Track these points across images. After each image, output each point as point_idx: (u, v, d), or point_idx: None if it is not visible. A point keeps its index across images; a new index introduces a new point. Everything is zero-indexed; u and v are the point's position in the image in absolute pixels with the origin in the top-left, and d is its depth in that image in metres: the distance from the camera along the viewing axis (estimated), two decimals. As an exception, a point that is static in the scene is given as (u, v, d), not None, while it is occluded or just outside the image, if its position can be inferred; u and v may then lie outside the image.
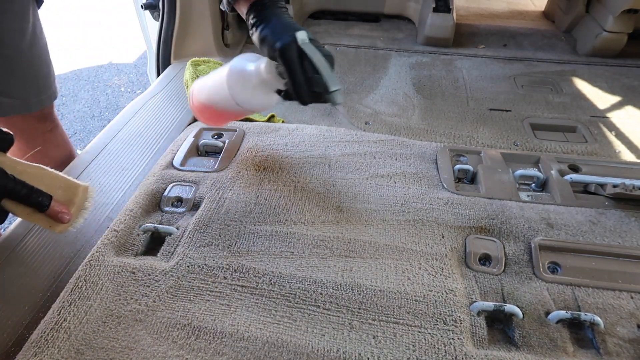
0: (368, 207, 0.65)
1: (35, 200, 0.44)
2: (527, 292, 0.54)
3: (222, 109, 0.63)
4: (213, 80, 0.62)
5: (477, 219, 0.63)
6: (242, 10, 0.60)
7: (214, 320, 0.50)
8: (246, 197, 0.67)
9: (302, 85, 0.52)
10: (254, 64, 0.57)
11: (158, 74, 1.18)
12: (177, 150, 0.77)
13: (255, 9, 0.57)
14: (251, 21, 0.57)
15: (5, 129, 0.45)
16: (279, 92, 0.58)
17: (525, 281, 0.55)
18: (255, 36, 0.57)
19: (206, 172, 0.72)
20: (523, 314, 0.51)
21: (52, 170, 0.48)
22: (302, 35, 0.51)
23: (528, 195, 0.69)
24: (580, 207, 0.66)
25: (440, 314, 0.50)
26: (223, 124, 0.79)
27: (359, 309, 0.51)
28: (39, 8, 0.78)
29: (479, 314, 0.51)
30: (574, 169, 0.75)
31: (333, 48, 1.25)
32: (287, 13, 0.58)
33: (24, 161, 0.46)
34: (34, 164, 0.47)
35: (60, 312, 0.49)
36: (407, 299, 0.52)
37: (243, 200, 0.66)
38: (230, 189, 0.68)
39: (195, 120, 0.91)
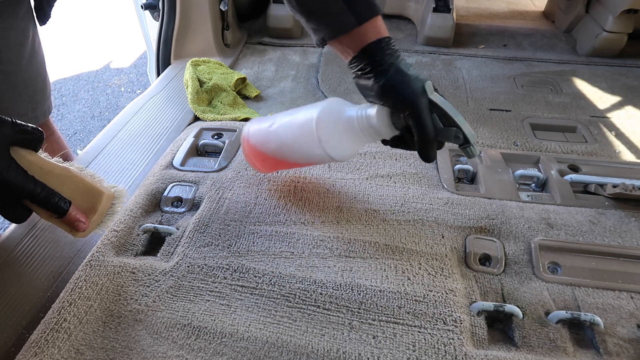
0: (368, 207, 0.65)
1: (54, 205, 0.43)
2: (527, 292, 0.54)
3: (297, 156, 0.56)
4: (290, 124, 0.55)
5: (477, 219, 0.63)
6: (345, 50, 0.52)
7: (214, 320, 0.50)
8: (246, 197, 0.67)
9: (432, 138, 0.48)
10: (354, 109, 0.52)
11: (158, 74, 1.18)
12: (177, 150, 0.77)
13: (370, 54, 0.50)
14: (363, 67, 0.51)
15: (36, 127, 0.43)
16: (384, 141, 0.54)
17: (525, 281, 0.55)
18: (368, 83, 0.50)
19: (206, 172, 0.72)
20: (523, 314, 0.51)
21: (79, 173, 0.46)
22: (430, 87, 0.48)
23: (528, 195, 0.69)
24: (580, 207, 0.66)
25: (440, 314, 0.50)
26: (280, 169, 0.70)
27: (359, 309, 0.51)
28: (42, 25, 0.77)
29: (479, 314, 0.51)
30: (574, 169, 0.75)
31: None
32: (405, 60, 0.52)
33: (52, 161, 0.45)
34: (61, 164, 0.45)
35: (60, 312, 0.49)
36: (407, 299, 0.52)
37: (243, 200, 0.66)
38: (230, 189, 0.68)
39: (195, 120, 0.91)
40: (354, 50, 0.51)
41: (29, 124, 0.42)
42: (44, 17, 0.76)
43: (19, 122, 0.41)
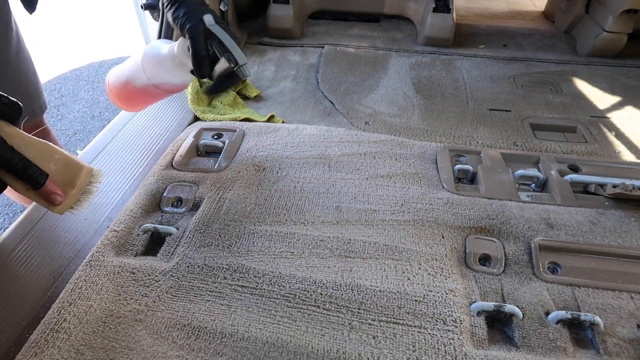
0: (368, 207, 0.65)
1: (30, 176, 0.42)
2: (527, 292, 0.54)
3: (140, 92, 0.66)
4: (129, 65, 0.65)
5: (477, 219, 0.63)
6: None
7: (214, 320, 0.50)
8: (246, 197, 0.67)
9: (204, 60, 0.57)
10: (167, 45, 0.61)
11: (158, 74, 1.18)
12: (177, 150, 0.77)
13: None
14: (164, 1, 0.60)
15: (15, 100, 0.43)
16: (192, 72, 0.61)
17: (525, 281, 0.55)
18: (168, 15, 0.60)
19: (206, 172, 0.72)
20: (523, 314, 0.51)
21: (61, 149, 0.46)
22: (208, 18, 0.57)
23: (528, 196, 0.69)
24: (580, 207, 0.66)
25: (440, 314, 0.50)
26: (143, 107, 0.78)
27: (359, 309, 0.51)
28: (31, 13, 0.77)
29: (479, 314, 0.51)
30: (574, 169, 0.75)
31: (333, 48, 1.25)
32: None
33: (32, 136, 0.44)
34: (43, 140, 0.45)
35: (60, 312, 0.49)
36: (407, 299, 0.52)
37: (243, 200, 0.66)
38: (230, 189, 0.68)
39: (195, 120, 0.91)
40: None
41: (8, 96, 0.42)
42: (32, 3, 0.76)
43: (0, 93, 0.41)
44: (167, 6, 0.61)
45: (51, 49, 2.65)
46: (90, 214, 0.67)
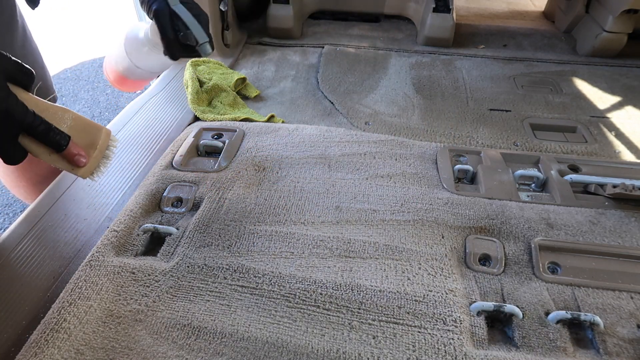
0: (368, 207, 0.65)
1: (53, 139, 0.42)
2: (527, 292, 0.54)
3: (127, 74, 0.68)
4: (116, 48, 0.67)
5: (477, 219, 0.63)
6: None
7: (214, 320, 0.50)
8: (246, 197, 0.67)
9: (171, 40, 0.59)
10: (144, 28, 0.63)
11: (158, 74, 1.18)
12: (177, 150, 0.77)
13: None
14: None
15: (27, 66, 0.42)
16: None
17: (525, 281, 0.55)
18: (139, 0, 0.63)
19: (206, 172, 0.72)
20: (523, 314, 0.51)
21: (76, 112, 0.46)
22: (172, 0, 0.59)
23: (528, 196, 0.69)
24: (580, 207, 0.66)
25: (440, 314, 0.50)
26: (138, 88, 0.79)
27: (359, 309, 0.51)
28: (34, 9, 0.77)
29: (478, 314, 0.51)
30: (574, 169, 0.75)
31: (333, 48, 1.25)
32: None
33: (46, 101, 0.44)
34: (57, 104, 0.45)
35: (60, 312, 0.49)
36: (407, 299, 0.52)
37: (243, 200, 0.66)
38: (230, 189, 0.68)
39: (195, 120, 0.91)
40: None
41: (24, 64, 0.42)
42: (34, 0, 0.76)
43: (14, 58, 0.41)
44: None
45: (51, 48, 2.65)
46: (90, 214, 0.67)
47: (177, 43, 0.59)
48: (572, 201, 0.67)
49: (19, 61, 0.42)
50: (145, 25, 0.64)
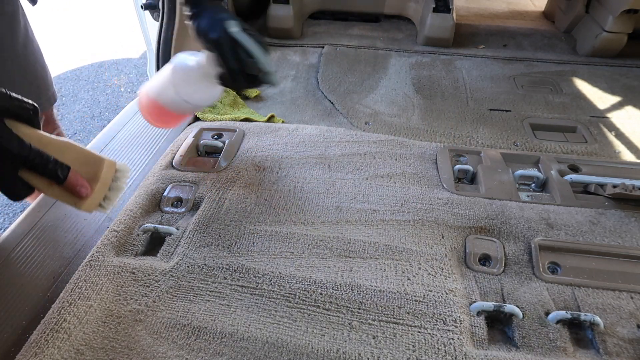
0: (368, 207, 0.65)
1: (52, 171, 0.42)
2: (527, 292, 0.54)
3: (170, 108, 0.64)
4: (158, 79, 0.63)
5: (477, 219, 0.63)
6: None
7: (214, 320, 0.50)
8: (246, 197, 0.67)
9: (236, 71, 0.56)
10: (195, 58, 0.60)
11: (158, 74, 1.18)
12: (177, 150, 0.77)
13: (191, 2, 0.59)
14: (188, 14, 0.59)
15: (31, 102, 0.42)
16: (222, 84, 0.60)
17: (525, 281, 0.55)
18: (193, 29, 0.59)
19: (206, 172, 0.72)
20: (523, 314, 0.51)
21: (79, 145, 0.45)
22: (233, 26, 0.55)
23: (528, 196, 0.69)
24: (580, 207, 0.66)
25: (440, 314, 0.50)
26: (174, 125, 0.77)
27: (359, 309, 0.51)
28: (33, 5, 0.77)
29: (478, 314, 0.51)
30: (574, 169, 0.75)
31: (333, 48, 1.25)
32: (221, 5, 0.60)
33: (49, 135, 0.44)
34: (61, 138, 0.44)
35: (60, 312, 0.49)
36: (407, 299, 0.52)
37: (243, 200, 0.66)
38: (230, 189, 0.68)
39: (195, 120, 0.91)
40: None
41: (23, 98, 0.42)
42: None
43: (14, 94, 0.41)
44: (190, 20, 0.59)
45: (51, 48, 2.65)
46: (90, 214, 0.67)
47: (241, 74, 0.56)
48: (572, 201, 0.67)
49: (19, 97, 0.41)
50: (193, 57, 0.61)
